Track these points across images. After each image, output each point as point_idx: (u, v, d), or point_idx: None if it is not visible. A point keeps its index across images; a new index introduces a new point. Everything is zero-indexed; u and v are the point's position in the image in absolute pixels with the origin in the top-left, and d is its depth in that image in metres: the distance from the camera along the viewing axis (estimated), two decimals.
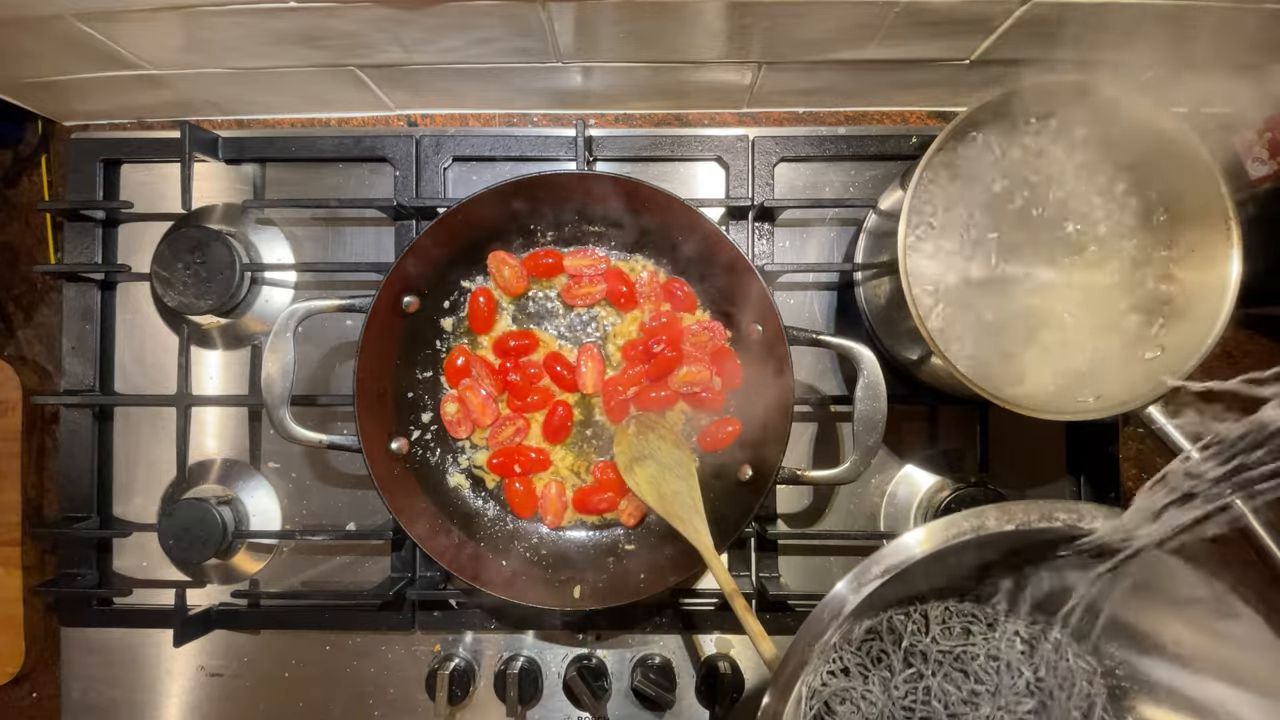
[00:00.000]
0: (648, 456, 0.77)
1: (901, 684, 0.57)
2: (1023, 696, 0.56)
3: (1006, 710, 0.55)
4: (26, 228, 0.91)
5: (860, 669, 0.58)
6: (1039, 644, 0.57)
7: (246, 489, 0.87)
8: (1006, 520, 0.46)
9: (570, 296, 0.82)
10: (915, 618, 0.59)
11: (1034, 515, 0.46)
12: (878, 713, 0.57)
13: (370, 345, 0.74)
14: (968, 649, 0.57)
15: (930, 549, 0.47)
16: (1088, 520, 0.46)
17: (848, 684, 0.57)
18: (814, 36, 0.74)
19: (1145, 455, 0.89)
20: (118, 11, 0.68)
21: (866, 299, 0.80)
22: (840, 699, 0.57)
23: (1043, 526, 0.46)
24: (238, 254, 0.82)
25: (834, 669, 0.58)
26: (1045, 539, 0.50)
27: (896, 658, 0.58)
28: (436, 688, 0.79)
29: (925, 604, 0.59)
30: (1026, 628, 0.58)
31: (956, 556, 0.50)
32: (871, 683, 0.57)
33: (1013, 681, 0.56)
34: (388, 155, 0.86)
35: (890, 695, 0.57)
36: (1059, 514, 0.46)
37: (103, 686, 0.86)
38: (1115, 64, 0.68)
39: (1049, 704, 0.56)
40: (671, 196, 0.73)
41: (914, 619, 0.59)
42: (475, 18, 0.70)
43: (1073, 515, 0.46)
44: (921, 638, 0.58)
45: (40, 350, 0.91)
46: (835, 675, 0.58)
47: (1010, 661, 0.57)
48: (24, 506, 0.87)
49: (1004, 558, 0.55)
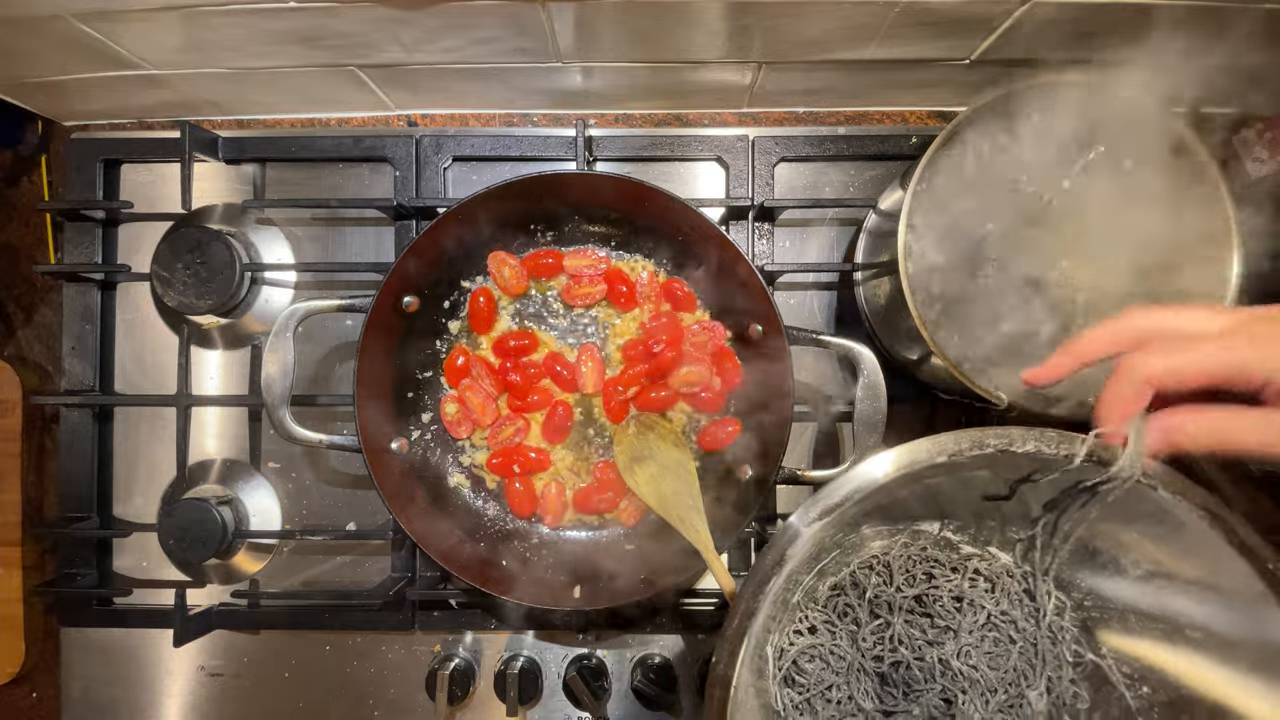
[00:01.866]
0: (648, 456, 0.77)
1: (869, 635, 0.57)
2: (985, 630, 0.57)
3: (971, 645, 0.56)
4: (26, 228, 0.91)
5: (828, 626, 0.58)
6: (1001, 580, 0.58)
7: (246, 489, 0.87)
8: (938, 452, 0.47)
9: (570, 296, 0.82)
10: (879, 569, 0.59)
11: (965, 444, 0.47)
12: (846, 665, 0.57)
13: (370, 345, 0.74)
14: (930, 593, 0.58)
15: (875, 483, 0.47)
16: (1019, 445, 0.47)
17: (815, 641, 0.57)
18: (814, 36, 0.74)
19: None
20: (118, 11, 0.68)
21: (866, 299, 0.80)
22: (809, 657, 0.57)
23: (975, 454, 0.47)
24: (238, 254, 0.82)
25: (800, 628, 0.59)
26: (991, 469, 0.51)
27: (863, 610, 0.58)
28: (436, 688, 0.79)
29: (889, 555, 0.59)
30: (988, 565, 0.59)
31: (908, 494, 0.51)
32: (840, 637, 0.58)
33: (974, 617, 0.56)
34: (388, 155, 0.86)
35: (859, 647, 0.57)
36: (990, 440, 0.47)
37: (103, 686, 0.86)
38: (1116, 64, 0.68)
39: (1016, 636, 0.57)
40: (671, 196, 0.73)
41: (877, 570, 0.59)
42: (475, 18, 0.70)
43: (1003, 440, 0.47)
44: (886, 588, 0.58)
45: (40, 350, 0.91)
46: (802, 634, 0.58)
47: (974, 599, 0.57)
48: (24, 506, 0.87)
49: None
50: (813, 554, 0.57)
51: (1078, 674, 0.57)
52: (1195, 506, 0.47)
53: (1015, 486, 0.53)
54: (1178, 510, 0.48)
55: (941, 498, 0.58)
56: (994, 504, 0.56)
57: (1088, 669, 0.57)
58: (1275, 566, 0.46)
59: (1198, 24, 0.68)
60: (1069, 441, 0.47)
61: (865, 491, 0.47)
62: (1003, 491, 0.54)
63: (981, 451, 0.47)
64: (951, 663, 0.55)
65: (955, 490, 0.56)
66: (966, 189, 0.72)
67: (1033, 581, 0.58)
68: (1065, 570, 0.57)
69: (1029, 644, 0.57)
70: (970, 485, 0.55)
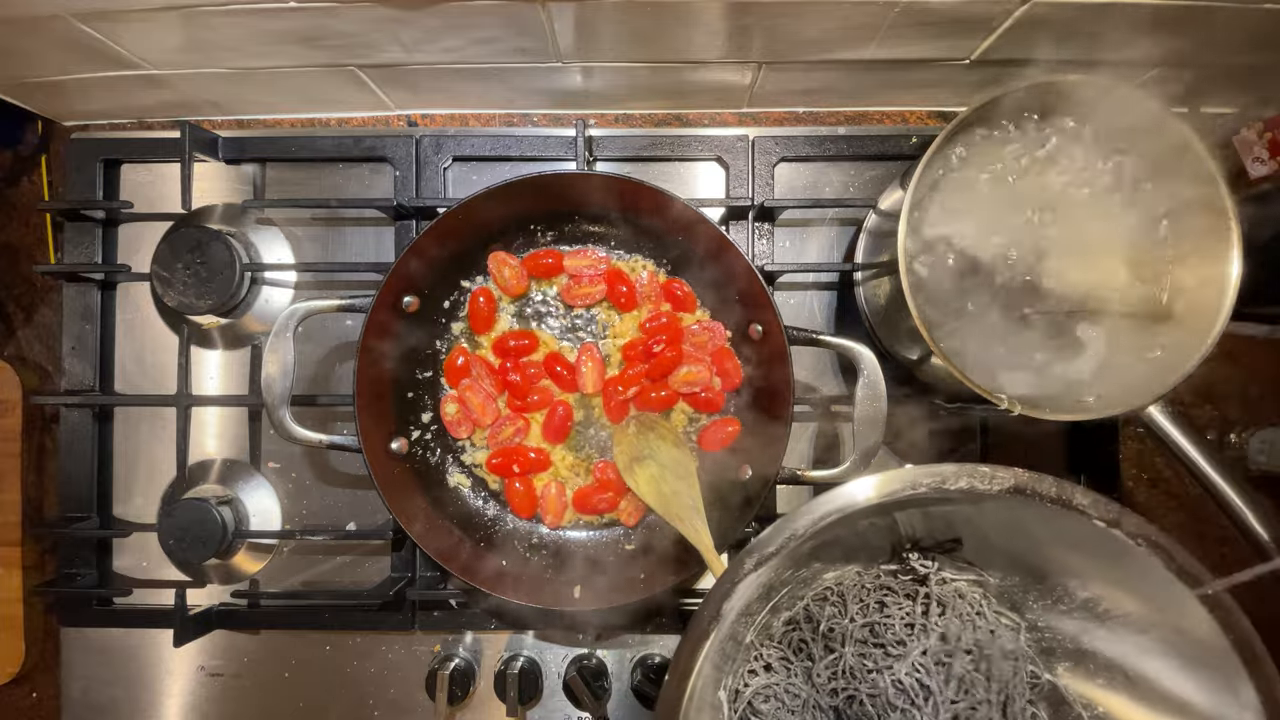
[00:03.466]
0: (648, 456, 0.77)
1: (823, 670, 0.56)
2: (937, 651, 0.56)
3: (921, 664, 0.55)
4: (26, 228, 0.91)
5: (783, 662, 0.57)
6: (953, 603, 0.57)
7: (246, 489, 0.87)
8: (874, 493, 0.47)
9: (570, 296, 0.82)
10: (833, 600, 0.58)
11: (898, 485, 0.47)
12: (802, 703, 0.56)
13: (370, 345, 0.74)
14: (883, 622, 0.57)
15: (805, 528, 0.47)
16: (951, 483, 0.47)
17: (769, 680, 0.56)
18: (814, 36, 0.74)
19: (1145, 455, 0.89)
20: (118, 11, 0.68)
21: (866, 299, 0.80)
22: (764, 697, 0.56)
23: (908, 495, 0.47)
24: (238, 254, 0.82)
25: (755, 667, 0.57)
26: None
27: (817, 645, 0.57)
28: (436, 688, 0.79)
29: (842, 585, 0.59)
30: (939, 587, 0.58)
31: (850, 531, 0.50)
32: (795, 674, 0.57)
33: (925, 641, 0.56)
34: (388, 155, 0.86)
35: (814, 683, 0.56)
36: (924, 480, 0.47)
37: (103, 686, 0.85)
38: (1115, 64, 0.68)
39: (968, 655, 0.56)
40: (672, 196, 0.73)
41: (832, 601, 0.58)
42: (475, 18, 0.70)
43: (936, 479, 0.47)
44: (840, 619, 0.57)
45: (40, 350, 0.91)
46: (757, 673, 0.57)
47: (928, 626, 0.56)
48: (24, 506, 0.87)
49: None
50: (762, 593, 0.56)
51: (1035, 694, 0.56)
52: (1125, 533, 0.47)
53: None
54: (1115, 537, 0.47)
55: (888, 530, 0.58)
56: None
57: (1045, 689, 0.57)
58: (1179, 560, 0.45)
59: (1197, 24, 0.68)
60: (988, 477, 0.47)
61: (801, 536, 0.47)
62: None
63: (914, 492, 0.47)
64: (902, 679, 0.54)
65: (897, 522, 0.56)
66: (966, 189, 0.72)
67: (985, 604, 0.57)
68: (1017, 594, 0.57)
69: (981, 663, 0.56)
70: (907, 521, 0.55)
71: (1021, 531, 0.51)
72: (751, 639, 0.58)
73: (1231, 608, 0.46)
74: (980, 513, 0.51)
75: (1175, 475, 0.89)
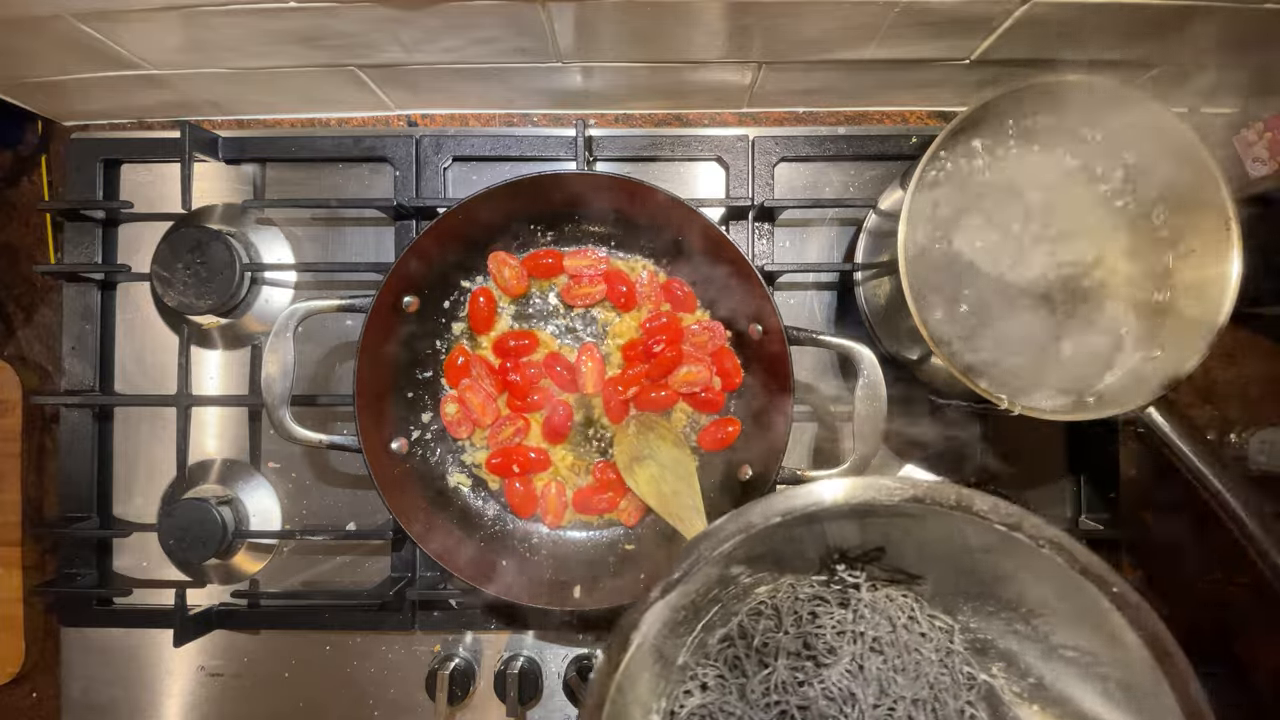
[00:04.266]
0: (648, 456, 0.77)
1: (757, 686, 0.55)
2: (868, 655, 0.55)
3: (851, 670, 0.54)
4: (26, 228, 0.91)
5: (720, 681, 0.56)
6: (882, 606, 0.57)
7: (246, 489, 0.87)
8: (773, 513, 0.46)
9: (570, 296, 0.82)
10: (767, 614, 0.57)
11: (799, 502, 0.46)
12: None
13: (370, 345, 0.74)
14: (815, 632, 0.56)
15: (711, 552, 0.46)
16: (829, 498, 0.46)
17: (705, 700, 0.55)
18: (814, 36, 0.74)
19: (1145, 455, 0.89)
20: (118, 11, 0.68)
21: (866, 299, 0.80)
22: (699, 717, 0.55)
23: (815, 510, 0.46)
24: (238, 254, 0.82)
25: (691, 687, 0.56)
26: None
27: (751, 661, 0.56)
28: (436, 688, 0.79)
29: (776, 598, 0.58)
30: (870, 594, 0.57)
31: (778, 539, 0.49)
32: (729, 692, 0.55)
33: (854, 648, 0.55)
34: (388, 155, 0.86)
35: (748, 700, 0.55)
36: (797, 500, 0.47)
37: (103, 686, 0.86)
38: (1115, 64, 0.68)
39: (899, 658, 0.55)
40: (671, 196, 0.73)
41: (766, 615, 0.57)
42: (475, 18, 0.70)
43: (834, 493, 0.47)
44: (775, 633, 0.56)
45: (40, 350, 0.91)
46: (692, 694, 0.56)
47: (861, 631, 0.56)
48: (24, 506, 0.87)
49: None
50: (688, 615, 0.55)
51: (974, 695, 0.56)
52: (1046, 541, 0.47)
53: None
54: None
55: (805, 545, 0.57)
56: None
57: (982, 689, 0.56)
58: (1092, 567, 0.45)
59: (1197, 24, 0.68)
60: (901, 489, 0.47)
61: (707, 558, 0.46)
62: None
63: (816, 509, 0.46)
64: (831, 689, 0.54)
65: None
66: (966, 189, 0.72)
67: (918, 608, 0.57)
68: (949, 599, 0.57)
69: (908, 665, 0.55)
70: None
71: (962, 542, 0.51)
72: (685, 659, 0.57)
73: (1139, 605, 0.44)
74: (922, 524, 0.51)
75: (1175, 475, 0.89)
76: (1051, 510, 0.87)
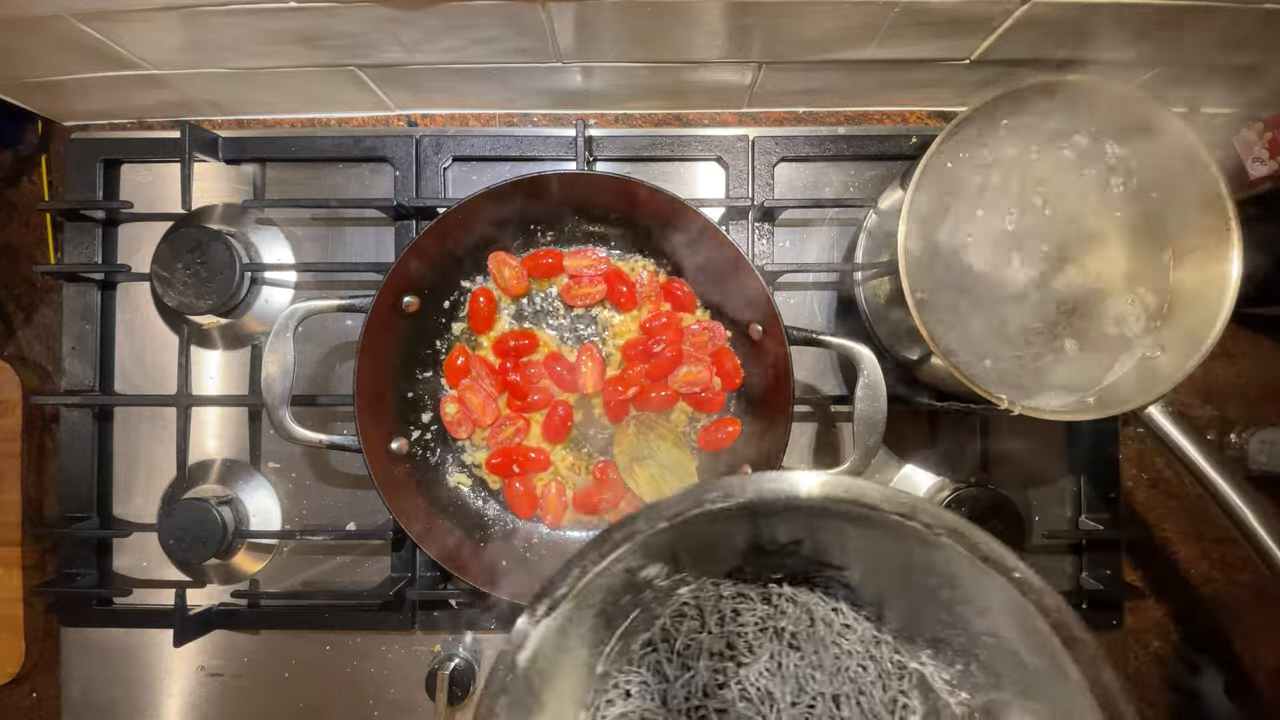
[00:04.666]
0: (648, 456, 0.77)
1: (679, 690, 0.54)
2: (784, 652, 0.54)
3: (770, 666, 0.53)
4: (26, 228, 0.91)
5: (643, 687, 0.55)
6: (803, 598, 0.55)
7: (246, 489, 0.87)
8: (658, 518, 0.44)
9: (570, 296, 0.82)
10: (691, 615, 0.56)
11: (686, 504, 0.44)
12: None
13: (370, 345, 0.74)
14: (738, 630, 0.55)
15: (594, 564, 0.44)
16: (737, 495, 0.44)
17: (627, 708, 0.54)
18: (814, 36, 0.74)
19: (1145, 455, 0.89)
20: (118, 11, 0.68)
21: (866, 299, 0.80)
22: None
23: (699, 512, 0.44)
24: (238, 254, 0.82)
25: (613, 697, 0.55)
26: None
27: (673, 665, 0.54)
28: (436, 688, 0.79)
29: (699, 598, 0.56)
30: (790, 585, 0.56)
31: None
32: (652, 698, 0.54)
33: (774, 645, 0.54)
34: (388, 155, 0.86)
35: (670, 705, 0.53)
36: (708, 495, 0.44)
37: (103, 686, 0.86)
38: (1115, 64, 0.68)
39: (821, 650, 0.54)
40: (671, 196, 0.73)
41: (690, 616, 0.56)
42: (475, 18, 0.70)
43: (719, 493, 0.45)
44: (699, 634, 0.55)
45: (40, 350, 0.91)
46: (614, 703, 0.54)
47: (781, 627, 0.54)
48: (24, 506, 0.87)
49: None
50: (599, 623, 0.53)
51: (906, 685, 0.55)
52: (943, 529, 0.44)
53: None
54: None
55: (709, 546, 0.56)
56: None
57: (914, 678, 0.55)
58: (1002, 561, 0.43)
59: (1197, 24, 0.68)
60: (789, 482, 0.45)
61: (588, 575, 0.44)
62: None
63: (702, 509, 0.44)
64: (748, 688, 0.52)
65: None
66: (967, 189, 0.72)
67: (844, 597, 0.56)
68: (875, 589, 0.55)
69: (830, 659, 0.54)
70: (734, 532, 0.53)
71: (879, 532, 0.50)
72: (605, 669, 0.55)
73: (1044, 589, 0.42)
74: (832, 518, 0.50)
75: (1175, 475, 0.89)
76: (1051, 510, 0.87)
